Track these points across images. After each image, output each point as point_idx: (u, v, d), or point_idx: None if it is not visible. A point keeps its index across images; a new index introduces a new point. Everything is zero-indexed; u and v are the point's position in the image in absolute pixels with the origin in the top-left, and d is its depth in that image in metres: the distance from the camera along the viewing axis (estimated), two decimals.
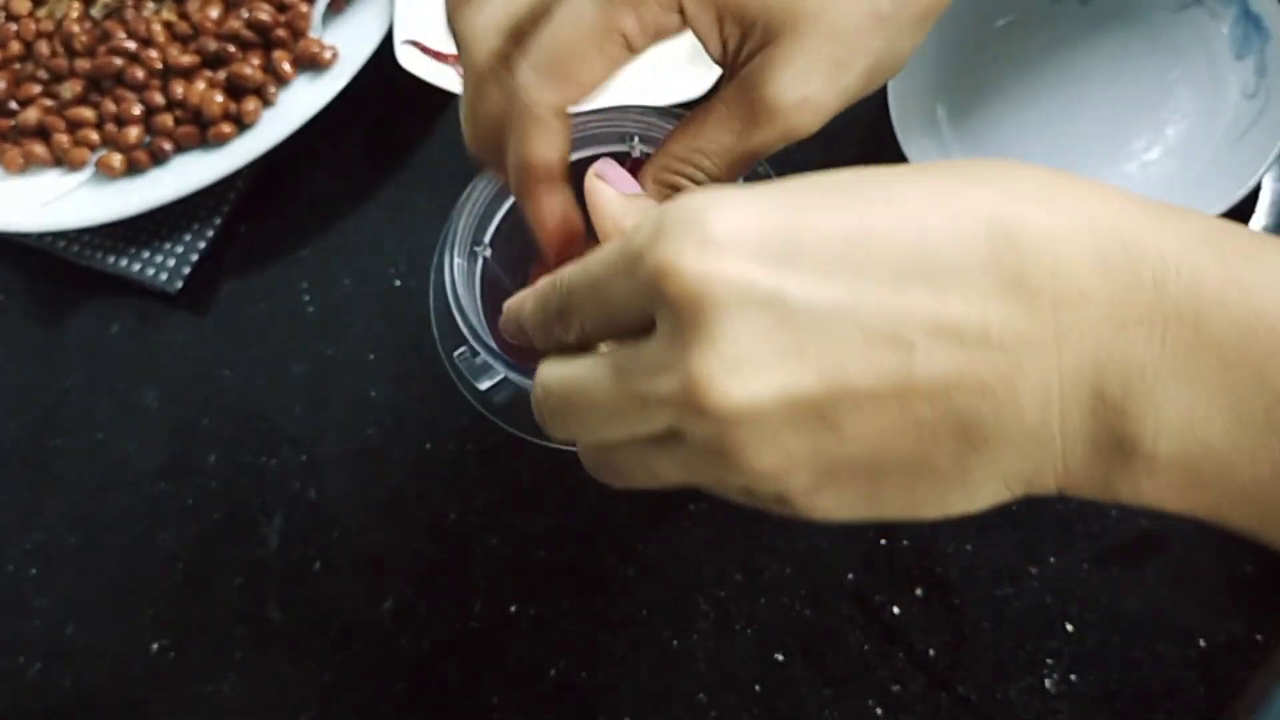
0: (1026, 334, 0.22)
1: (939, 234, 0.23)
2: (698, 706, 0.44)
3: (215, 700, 0.48)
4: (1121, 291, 0.22)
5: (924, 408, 0.23)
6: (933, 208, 0.23)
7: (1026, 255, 0.22)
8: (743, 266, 0.23)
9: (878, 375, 0.22)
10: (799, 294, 0.22)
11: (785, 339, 0.22)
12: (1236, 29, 0.47)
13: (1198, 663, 0.41)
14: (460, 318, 0.37)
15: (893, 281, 0.22)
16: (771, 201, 0.24)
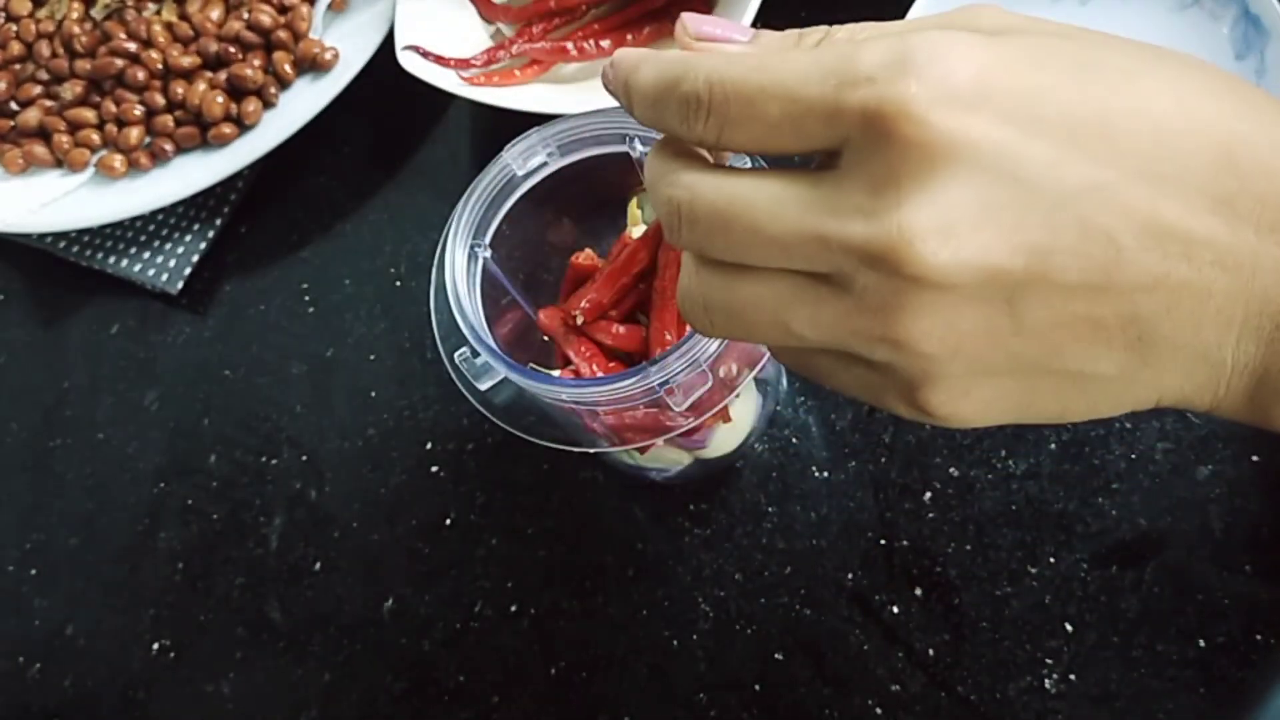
0: (1225, 255, 0.22)
1: (1175, 141, 0.22)
2: (698, 706, 0.44)
3: (215, 700, 0.48)
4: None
5: (1109, 309, 0.22)
6: (1174, 113, 0.22)
7: (1244, 180, 0.22)
8: (988, 126, 0.21)
9: (1080, 270, 0.22)
10: (1034, 169, 0.21)
11: (1004, 208, 0.21)
12: (1236, 29, 0.47)
13: (1198, 663, 0.41)
14: (460, 318, 0.37)
15: (1120, 178, 0.22)
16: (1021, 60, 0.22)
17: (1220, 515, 0.43)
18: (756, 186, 0.24)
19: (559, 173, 0.41)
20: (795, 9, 0.55)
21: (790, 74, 0.23)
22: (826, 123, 0.22)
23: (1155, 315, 0.22)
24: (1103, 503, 0.44)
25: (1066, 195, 0.22)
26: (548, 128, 0.40)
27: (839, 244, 0.22)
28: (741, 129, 0.24)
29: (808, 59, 0.23)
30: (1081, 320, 0.22)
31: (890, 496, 0.45)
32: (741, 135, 0.24)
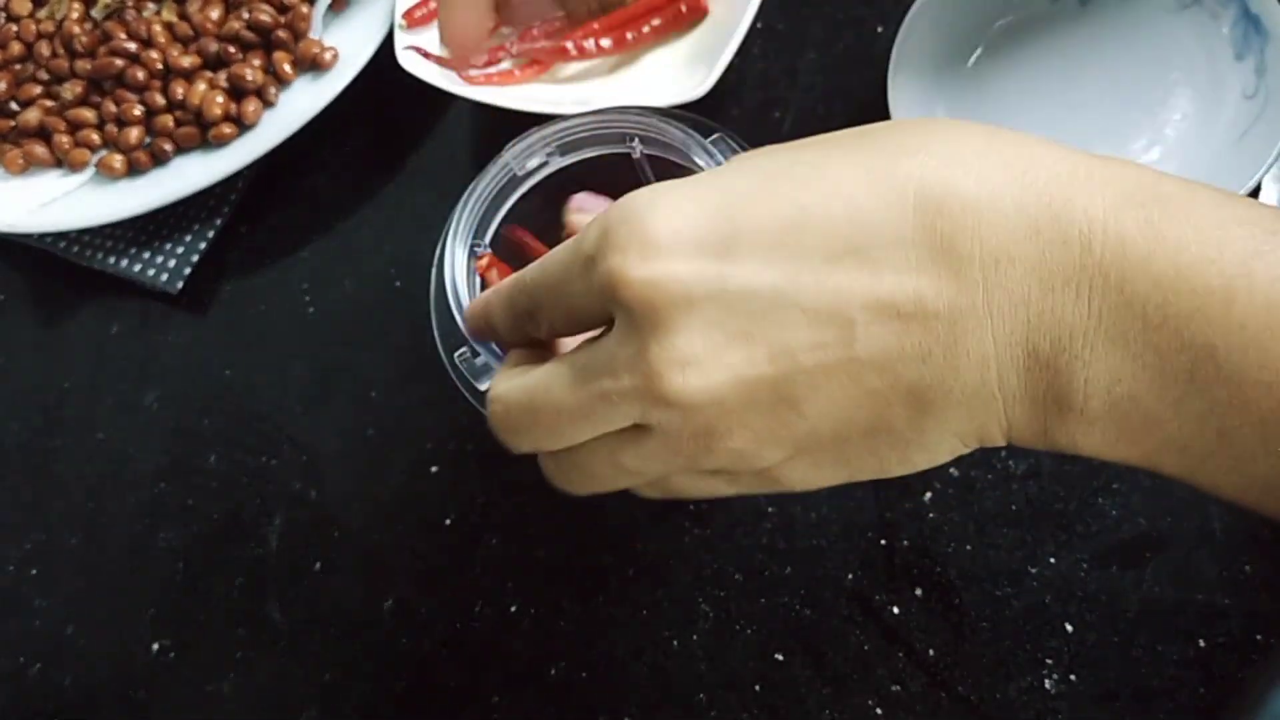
0: (958, 301, 0.23)
1: (869, 210, 0.24)
2: (698, 706, 0.44)
3: (215, 700, 0.48)
4: (1049, 254, 0.23)
5: (873, 379, 0.24)
6: (863, 183, 0.24)
7: (954, 223, 0.23)
8: (686, 265, 0.24)
9: (824, 353, 0.24)
10: (741, 283, 0.24)
11: (733, 326, 0.24)
12: (1236, 29, 0.47)
13: (1198, 663, 0.41)
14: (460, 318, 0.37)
15: (828, 262, 0.24)
16: (709, 193, 0.25)
17: (1220, 515, 0.43)
18: (545, 372, 0.27)
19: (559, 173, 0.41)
20: (797, 6, 0.55)
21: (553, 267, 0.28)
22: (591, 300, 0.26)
23: (914, 372, 0.24)
24: (1103, 503, 0.44)
25: (780, 295, 0.24)
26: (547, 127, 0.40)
27: (617, 396, 0.25)
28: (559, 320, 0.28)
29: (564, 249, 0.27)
30: (854, 393, 0.24)
31: (890, 496, 0.45)
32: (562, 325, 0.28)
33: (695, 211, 0.25)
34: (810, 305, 0.24)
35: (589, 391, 0.26)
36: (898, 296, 0.23)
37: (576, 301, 0.27)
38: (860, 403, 0.24)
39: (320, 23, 0.61)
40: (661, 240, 0.24)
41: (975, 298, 0.23)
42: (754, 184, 0.25)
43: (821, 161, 0.25)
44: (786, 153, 0.26)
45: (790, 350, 0.24)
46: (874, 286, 0.23)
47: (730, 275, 0.24)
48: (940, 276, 0.23)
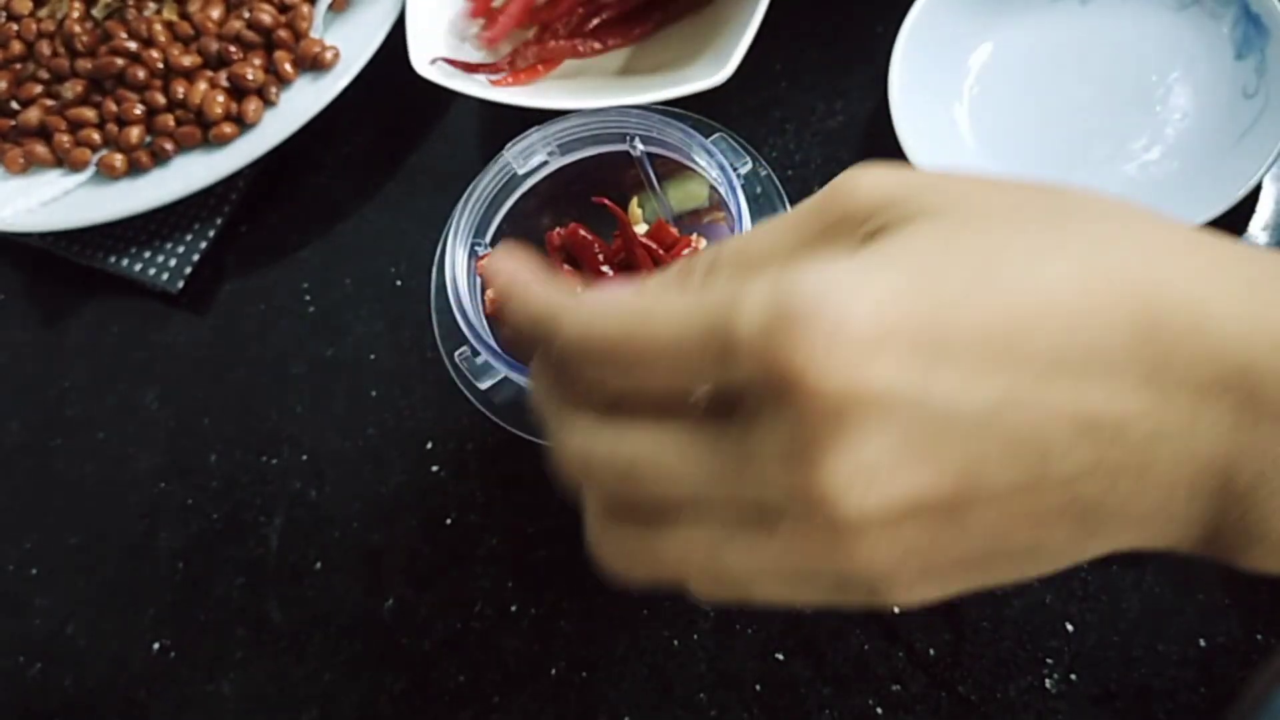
0: (1162, 428, 0.22)
1: (1087, 325, 0.21)
2: (698, 706, 0.44)
3: (215, 700, 0.48)
4: (1261, 388, 0.22)
5: (1050, 499, 0.22)
6: (1081, 289, 0.21)
7: (1170, 346, 0.21)
8: (891, 372, 0.20)
9: (1012, 477, 0.21)
10: (945, 398, 0.21)
11: (926, 445, 0.21)
12: (1236, 29, 0.47)
13: (1198, 663, 0.41)
14: (461, 317, 0.37)
15: (1037, 381, 0.21)
16: (915, 284, 0.21)
17: None
18: (658, 440, 0.23)
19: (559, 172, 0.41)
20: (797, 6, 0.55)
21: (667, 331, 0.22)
22: (717, 376, 0.22)
23: (1096, 494, 0.22)
24: None
25: (982, 414, 0.21)
26: (548, 127, 0.40)
27: (760, 502, 0.22)
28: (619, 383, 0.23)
29: (684, 310, 0.22)
30: (1024, 514, 0.22)
31: None
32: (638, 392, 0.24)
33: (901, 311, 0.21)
34: (1014, 429, 0.21)
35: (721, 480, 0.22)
36: (1103, 418, 0.21)
37: (685, 369, 0.22)
38: (1027, 523, 0.22)
39: (321, 22, 0.61)
40: (864, 343, 0.20)
41: (1180, 425, 0.21)
42: (963, 283, 0.21)
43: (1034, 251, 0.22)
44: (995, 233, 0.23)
45: (981, 473, 0.21)
46: (1080, 409, 0.21)
47: (935, 389, 0.20)
48: (1148, 400, 0.21)
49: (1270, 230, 0.47)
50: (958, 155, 0.50)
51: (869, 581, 0.22)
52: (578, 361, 0.24)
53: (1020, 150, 0.49)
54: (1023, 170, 0.49)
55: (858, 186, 0.23)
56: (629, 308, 0.23)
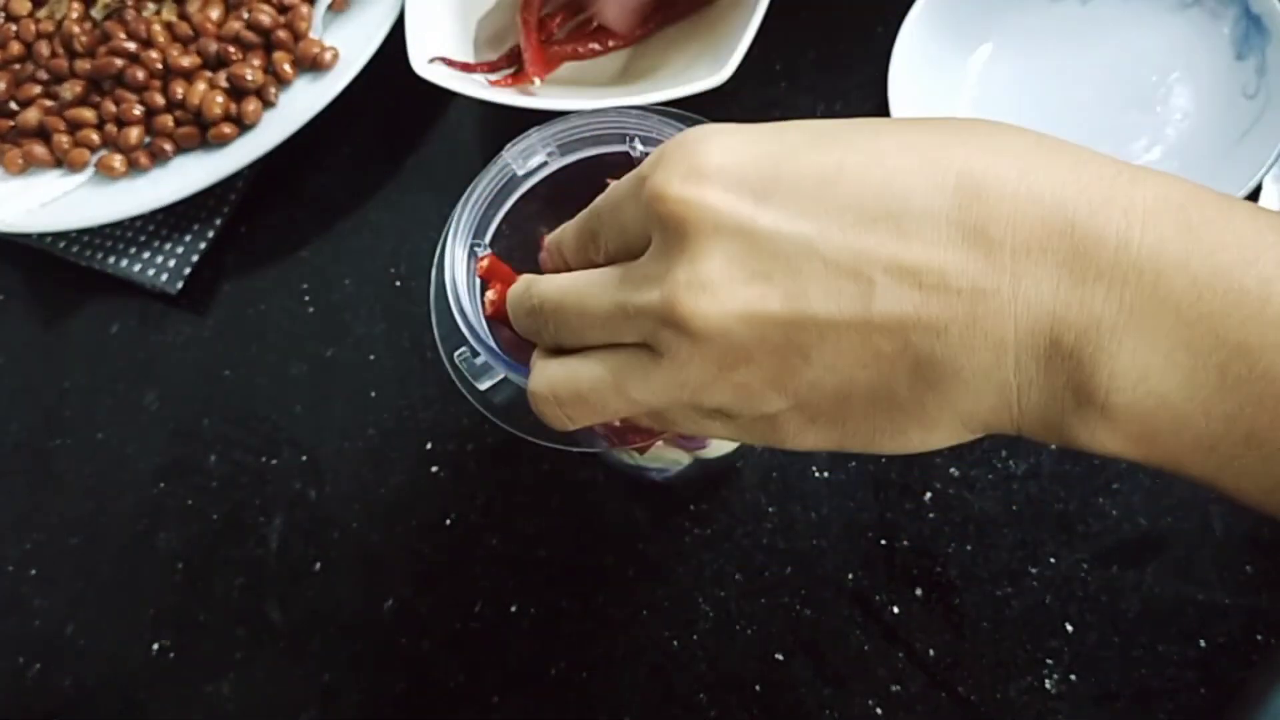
0: (983, 282, 0.23)
1: (909, 181, 0.24)
2: (698, 706, 0.44)
3: (215, 700, 0.48)
4: (1083, 248, 0.23)
5: (883, 342, 0.24)
6: (909, 157, 0.24)
7: (991, 208, 0.24)
8: (721, 196, 0.25)
9: (838, 306, 0.24)
10: (769, 225, 0.25)
11: (755, 265, 0.25)
12: (1237, 29, 0.47)
13: (1198, 663, 0.41)
14: (460, 317, 0.37)
15: (859, 221, 0.24)
16: (760, 138, 0.26)
17: (1220, 515, 0.43)
18: (585, 275, 0.29)
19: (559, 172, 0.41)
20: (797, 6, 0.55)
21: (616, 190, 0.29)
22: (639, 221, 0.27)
23: (926, 343, 0.24)
24: (1103, 503, 0.44)
25: (806, 243, 0.24)
26: (548, 127, 0.40)
27: (636, 310, 0.26)
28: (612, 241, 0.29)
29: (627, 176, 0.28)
30: (861, 351, 0.25)
31: (890, 496, 0.45)
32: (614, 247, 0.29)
33: (744, 152, 0.26)
34: (833, 258, 0.24)
35: (614, 298, 0.27)
36: (922, 266, 0.24)
37: (628, 220, 0.28)
38: (866, 363, 0.25)
39: (320, 23, 0.61)
40: (706, 168, 0.25)
41: (1001, 281, 0.23)
42: (805, 139, 0.26)
43: (874, 132, 0.26)
44: (847, 122, 0.27)
45: (806, 296, 0.24)
46: (900, 252, 0.24)
47: (761, 217, 0.25)
48: (968, 256, 0.23)
49: None
50: None
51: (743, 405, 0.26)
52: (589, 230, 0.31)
53: None
54: None
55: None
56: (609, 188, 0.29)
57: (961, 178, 0.24)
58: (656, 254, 0.26)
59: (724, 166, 0.25)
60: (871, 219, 0.24)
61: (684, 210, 0.25)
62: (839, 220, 0.24)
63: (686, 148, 0.26)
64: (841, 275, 0.24)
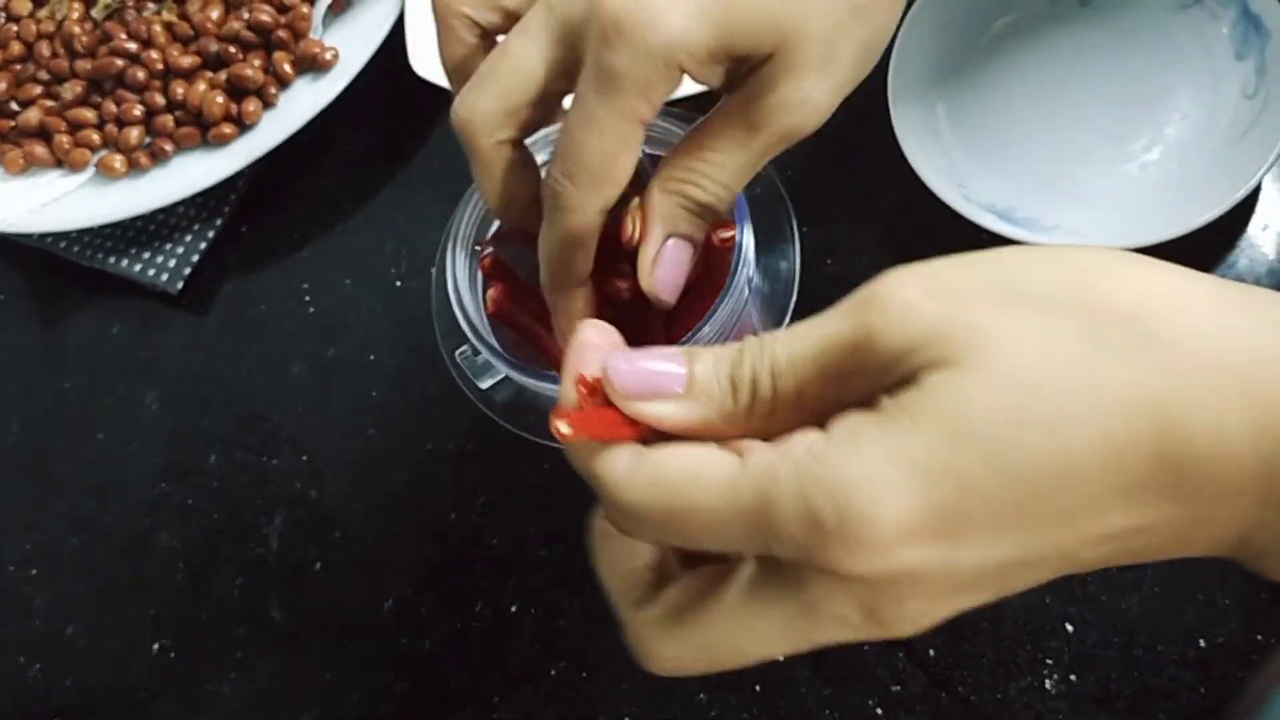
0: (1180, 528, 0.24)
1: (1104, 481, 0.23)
2: (698, 706, 0.44)
3: (215, 700, 0.48)
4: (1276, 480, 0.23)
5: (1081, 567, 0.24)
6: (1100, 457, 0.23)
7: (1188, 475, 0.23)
8: (916, 554, 0.23)
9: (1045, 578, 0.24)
10: (972, 560, 0.23)
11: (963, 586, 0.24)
12: (1236, 29, 0.47)
13: (1198, 663, 0.41)
14: (462, 316, 0.37)
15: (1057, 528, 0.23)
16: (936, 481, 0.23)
17: None
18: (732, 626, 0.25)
19: None
20: None
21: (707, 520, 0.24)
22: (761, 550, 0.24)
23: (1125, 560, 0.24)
24: None
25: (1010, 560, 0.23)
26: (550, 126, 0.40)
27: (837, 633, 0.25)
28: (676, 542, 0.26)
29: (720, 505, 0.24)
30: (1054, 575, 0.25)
31: None
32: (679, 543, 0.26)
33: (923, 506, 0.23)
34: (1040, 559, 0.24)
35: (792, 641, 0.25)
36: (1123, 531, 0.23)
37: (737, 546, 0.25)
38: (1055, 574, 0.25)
39: (320, 23, 0.61)
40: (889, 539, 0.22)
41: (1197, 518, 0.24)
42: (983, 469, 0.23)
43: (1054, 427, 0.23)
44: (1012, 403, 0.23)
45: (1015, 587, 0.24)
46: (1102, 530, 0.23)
47: (960, 557, 0.23)
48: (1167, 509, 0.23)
49: (1270, 230, 0.47)
50: (956, 154, 0.50)
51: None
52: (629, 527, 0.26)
53: (1021, 150, 0.49)
54: (1023, 170, 0.49)
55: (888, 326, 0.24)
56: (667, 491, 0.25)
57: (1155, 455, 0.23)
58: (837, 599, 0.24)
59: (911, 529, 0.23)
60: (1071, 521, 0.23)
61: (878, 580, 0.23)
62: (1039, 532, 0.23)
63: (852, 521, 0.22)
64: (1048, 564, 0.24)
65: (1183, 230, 0.43)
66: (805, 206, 0.41)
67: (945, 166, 0.48)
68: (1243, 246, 0.47)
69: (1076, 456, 0.23)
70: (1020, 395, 0.23)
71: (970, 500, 0.23)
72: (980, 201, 0.47)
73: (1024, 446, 0.23)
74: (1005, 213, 0.47)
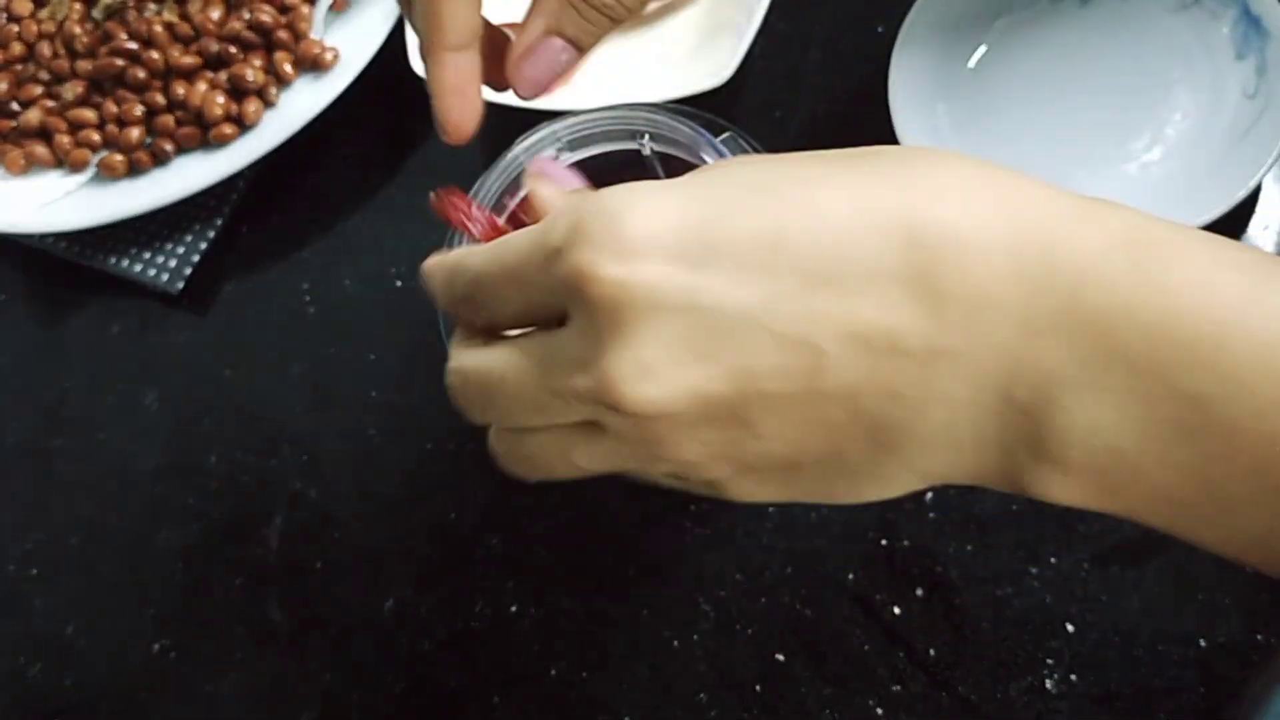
0: (936, 342, 0.23)
1: (853, 239, 0.23)
2: (698, 706, 0.44)
3: (215, 700, 0.48)
4: (1034, 299, 0.22)
5: (834, 410, 0.23)
6: (849, 209, 0.23)
7: (940, 262, 0.22)
8: (658, 271, 0.23)
9: (787, 378, 0.23)
10: (712, 298, 0.23)
11: (698, 342, 0.23)
12: (1236, 29, 0.47)
13: (1198, 663, 0.41)
14: None
15: (805, 287, 0.23)
16: (691, 199, 0.24)
17: None
18: (504, 355, 0.27)
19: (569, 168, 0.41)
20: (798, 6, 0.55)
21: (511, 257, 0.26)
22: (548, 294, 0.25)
23: (879, 408, 0.23)
24: None
25: (751, 315, 0.23)
26: (557, 123, 0.40)
27: (572, 395, 0.25)
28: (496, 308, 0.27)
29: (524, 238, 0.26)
30: (812, 420, 0.24)
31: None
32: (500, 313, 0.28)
33: (675, 217, 0.24)
34: (780, 330, 0.23)
35: (544, 386, 0.25)
36: (873, 331, 0.22)
37: (531, 292, 0.26)
38: (818, 432, 0.24)
39: (321, 23, 0.61)
40: (638, 241, 0.23)
41: (953, 340, 0.23)
42: (738, 195, 0.24)
43: (809, 179, 0.24)
44: (775, 165, 0.25)
45: (753, 373, 0.23)
46: (849, 319, 0.22)
47: (702, 288, 0.23)
48: (919, 315, 0.22)
49: (1270, 230, 0.47)
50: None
51: (690, 472, 0.25)
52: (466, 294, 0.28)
53: (1020, 150, 0.49)
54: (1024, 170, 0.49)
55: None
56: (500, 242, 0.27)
57: (907, 231, 0.23)
58: (586, 335, 0.24)
59: (655, 236, 0.23)
60: (817, 283, 0.23)
61: (618, 292, 0.23)
62: (783, 288, 0.23)
63: (610, 218, 0.24)
64: (789, 347, 0.23)
65: None
66: None
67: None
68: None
69: (830, 210, 0.23)
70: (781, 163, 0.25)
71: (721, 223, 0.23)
72: None
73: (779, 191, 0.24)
74: None
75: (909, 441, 0.24)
